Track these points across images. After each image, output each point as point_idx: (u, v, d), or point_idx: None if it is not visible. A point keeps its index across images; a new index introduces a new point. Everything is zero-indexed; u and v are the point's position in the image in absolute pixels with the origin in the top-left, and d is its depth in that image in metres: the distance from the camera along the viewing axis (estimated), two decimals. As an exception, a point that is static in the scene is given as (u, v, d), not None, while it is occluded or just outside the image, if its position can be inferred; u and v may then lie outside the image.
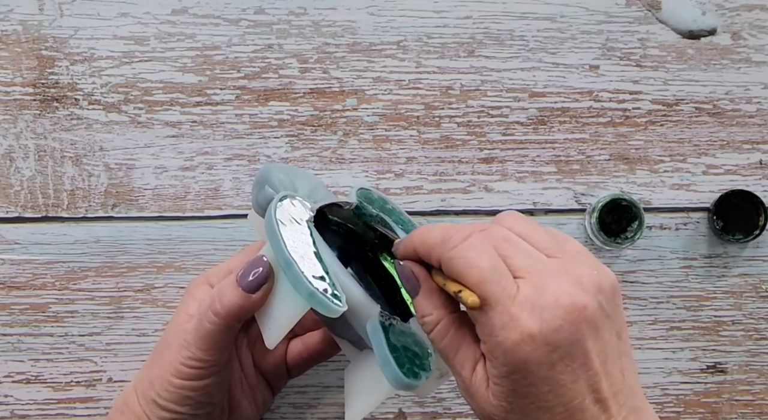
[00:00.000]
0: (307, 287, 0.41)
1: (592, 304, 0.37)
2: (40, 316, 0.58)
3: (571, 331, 0.36)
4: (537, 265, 0.38)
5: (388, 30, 0.59)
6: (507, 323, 0.36)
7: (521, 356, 0.36)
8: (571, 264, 0.38)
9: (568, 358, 0.36)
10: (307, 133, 0.59)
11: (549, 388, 0.37)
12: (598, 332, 0.37)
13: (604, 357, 0.37)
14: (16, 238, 0.58)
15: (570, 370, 0.37)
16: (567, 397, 0.37)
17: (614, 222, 0.57)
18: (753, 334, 0.59)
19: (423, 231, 0.41)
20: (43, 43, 0.59)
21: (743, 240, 0.58)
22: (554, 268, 0.38)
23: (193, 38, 0.59)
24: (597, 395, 0.37)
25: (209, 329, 0.46)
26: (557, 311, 0.36)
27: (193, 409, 0.47)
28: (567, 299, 0.37)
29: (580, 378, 0.37)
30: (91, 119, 0.59)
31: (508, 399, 0.37)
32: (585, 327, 0.37)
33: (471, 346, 0.39)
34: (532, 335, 0.36)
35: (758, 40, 0.60)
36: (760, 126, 0.60)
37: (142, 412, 0.48)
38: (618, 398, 0.38)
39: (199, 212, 0.59)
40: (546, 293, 0.37)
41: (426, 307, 0.41)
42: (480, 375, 0.39)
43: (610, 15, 0.60)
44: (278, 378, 0.53)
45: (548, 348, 0.36)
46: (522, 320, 0.36)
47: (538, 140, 0.59)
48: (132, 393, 0.49)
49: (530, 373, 0.36)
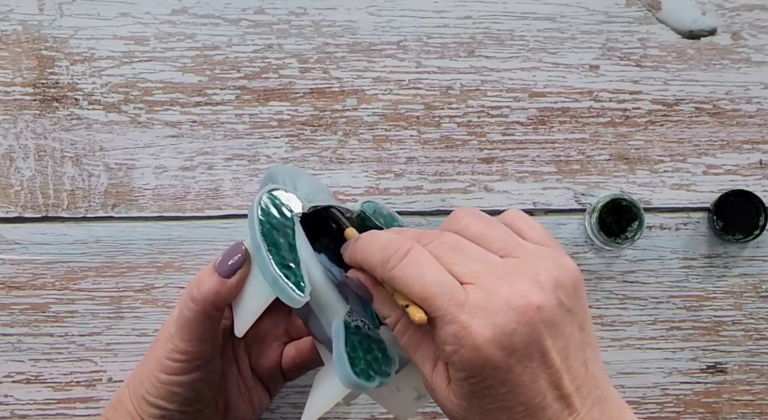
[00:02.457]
0: (271, 272, 0.41)
1: (550, 301, 0.37)
2: (40, 316, 0.58)
3: (526, 332, 0.36)
4: (488, 269, 0.37)
5: (388, 30, 0.59)
6: (458, 332, 0.36)
7: (477, 363, 0.36)
8: (527, 262, 0.38)
9: (525, 359, 0.36)
10: (307, 133, 0.59)
11: (508, 389, 0.36)
12: (557, 329, 0.37)
13: (565, 353, 0.37)
14: (16, 238, 0.58)
15: (529, 370, 0.36)
16: (527, 397, 0.37)
17: (614, 222, 0.57)
18: (753, 334, 0.59)
19: (365, 245, 0.41)
20: (43, 43, 0.59)
21: (743, 240, 0.58)
22: (507, 269, 0.37)
23: (193, 38, 0.59)
24: (559, 392, 0.37)
25: (188, 317, 0.46)
26: (510, 314, 0.36)
27: (181, 406, 0.47)
28: (519, 301, 0.36)
29: (540, 377, 0.37)
30: (91, 119, 0.59)
31: (468, 399, 0.37)
32: (541, 327, 0.36)
33: (431, 344, 0.39)
34: (486, 340, 0.36)
35: (758, 40, 0.60)
36: (760, 126, 0.60)
37: (133, 410, 0.48)
38: (581, 391, 0.38)
39: (199, 212, 0.59)
40: (497, 297, 0.36)
41: (383, 310, 0.41)
42: (440, 373, 0.39)
43: (610, 15, 0.60)
44: (274, 381, 0.53)
45: (504, 352, 0.36)
46: (473, 328, 0.36)
47: (538, 140, 0.59)
48: (125, 391, 0.49)
49: (487, 376, 0.36)
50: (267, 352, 0.52)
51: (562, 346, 0.37)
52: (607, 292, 0.59)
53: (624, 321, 0.59)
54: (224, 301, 0.45)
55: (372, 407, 0.59)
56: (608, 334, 0.59)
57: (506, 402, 0.37)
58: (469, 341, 0.36)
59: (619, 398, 0.39)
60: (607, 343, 0.59)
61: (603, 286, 0.59)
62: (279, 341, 0.53)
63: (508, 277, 0.37)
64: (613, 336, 0.59)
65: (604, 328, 0.59)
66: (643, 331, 0.59)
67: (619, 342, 0.59)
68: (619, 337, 0.59)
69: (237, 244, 0.46)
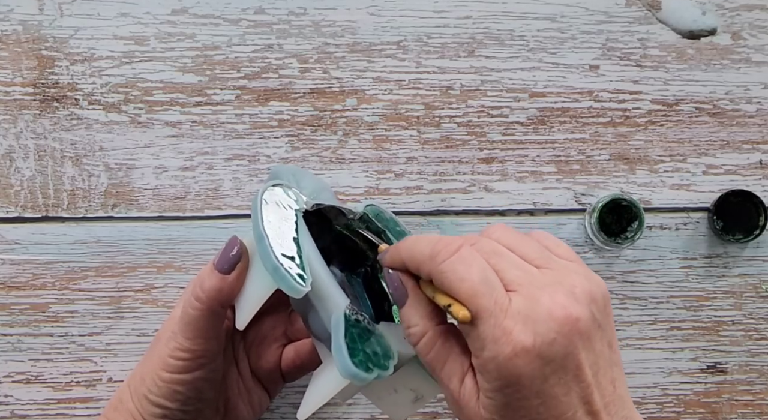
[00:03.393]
0: (273, 261, 0.41)
1: (585, 315, 0.37)
2: (40, 316, 0.58)
3: (564, 343, 0.36)
4: (528, 277, 0.37)
5: (388, 30, 0.59)
6: (500, 337, 0.36)
7: (514, 370, 0.36)
8: (563, 274, 0.38)
9: (561, 371, 0.36)
10: (307, 133, 0.59)
11: (541, 401, 0.36)
12: (590, 344, 0.37)
13: (596, 368, 0.37)
14: (16, 238, 0.58)
15: (562, 382, 0.36)
16: (559, 410, 0.36)
17: (614, 222, 0.57)
18: (753, 334, 0.59)
19: (411, 244, 0.41)
20: (43, 43, 0.59)
21: (743, 240, 0.58)
22: (546, 280, 0.37)
23: (193, 38, 0.59)
24: (589, 407, 0.37)
25: (192, 315, 0.46)
26: (551, 324, 0.36)
27: (182, 405, 0.47)
28: (560, 312, 0.36)
29: (573, 390, 0.37)
30: (91, 119, 0.59)
31: (500, 412, 0.37)
32: (578, 339, 0.36)
33: (458, 358, 0.39)
34: (526, 349, 0.35)
35: (758, 40, 0.60)
36: (760, 126, 0.60)
37: (134, 409, 0.48)
38: (609, 409, 0.38)
39: (199, 212, 0.59)
40: (539, 306, 0.36)
41: (412, 317, 0.40)
42: (469, 387, 0.38)
43: (610, 15, 0.60)
44: (273, 382, 0.53)
45: (541, 361, 0.36)
46: (515, 334, 0.36)
47: (538, 140, 0.59)
48: (126, 390, 0.49)
49: (523, 387, 0.36)
50: (266, 353, 0.52)
51: (593, 362, 0.37)
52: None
53: (624, 321, 0.59)
54: (228, 297, 0.45)
55: (373, 408, 0.59)
56: (608, 334, 0.59)
57: (539, 414, 0.36)
58: (509, 348, 0.36)
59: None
60: (607, 343, 0.59)
61: (603, 286, 0.59)
62: (278, 343, 0.53)
63: (548, 287, 0.37)
64: (613, 336, 0.59)
65: (604, 328, 0.59)
66: (643, 331, 0.59)
67: (619, 342, 0.59)
68: (619, 337, 0.59)
69: (232, 239, 0.46)
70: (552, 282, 0.37)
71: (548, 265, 0.38)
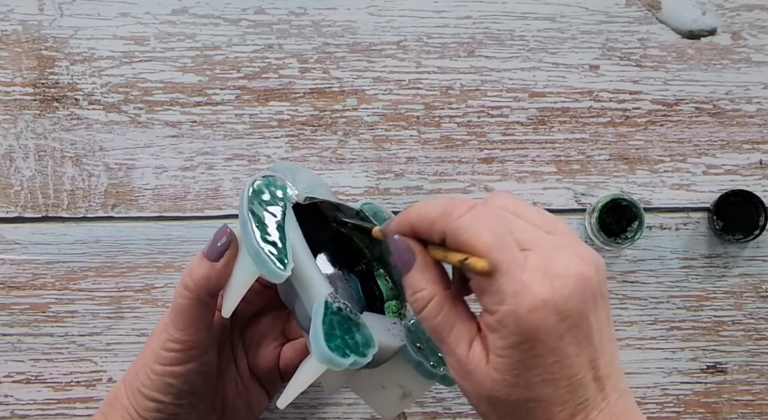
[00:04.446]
0: (254, 246, 0.41)
1: (595, 277, 0.37)
2: (40, 316, 0.58)
3: (579, 300, 0.36)
4: (539, 239, 0.38)
5: (388, 30, 0.59)
6: (519, 290, 0.36)
7: (533, 324, 0.36)
8: (570, 240, 0.38)
9: (575, 328, 0.36)
10: (307, 133, 0.59)
11: (555, 360, 0.36)
12: (597, 308, 0.37)
13: (600, 335, 0.38)
14: (16, 238, 0.58)
15: (576, 342, 0.37)
16: (572, 370, 0.37)
17: (614, 222, 0.57)
18: (753, 334, 0.59)
19: (419, 206, 0.40)
20: (43, 43, 0.59)
21: (743, 240, 0.58)
22: (556, 242, 0.38)
23: (193, 38, 0.59)
24: (596, 372, 0.37)
25: (182, 305, 0.46)
26: (567, 280, 0.36)
27: (176, 399, 0.47)
28: (575, 269, 0.36)
29: (584, 351, 0.37)
30: (91, 119, 0.59)
31: (513, 372, 0.37)
32: (590, 299, 0.37)
33: (466, 322, 0.39)
34: (545, 302, 0.36)
35: (758, 40, 0.60)
36: (760, 126, 0.60)
37: (129, 404, 0.48)
38: (611, 379, 0.38)
39: (199, 212, 0.59)
40: (554, 263, 0.36)
41: (419, 282, 0.40)
42: (478, 351, 0.38)
43: (610, 15, 0.60)
44: (272, 382, 0.53)
45: (559, 316, 0.36)
46: (534, 287, 0.36)
47: (538, 140, 0.59)
48: (121, 385, 0.49)
49: (539, 342, 0.36)
50: (264, 352, 0.52)
51: (598, 328, 0.37)
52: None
53: (624, 321, 0.59)
54: (216, 286, 0.46)
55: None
56: (608, 334, 0.59)
57: (553, 374, 0.36)
58: (529, 300, 0.36)
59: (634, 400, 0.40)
60: (607, 343, 0.59)
61: (603, 286, 0.59)
62: (276, 342, 0.53)
63: (559, 249, 0.37)
64: (613, 336, 0.59)
65: (604, 328, 0.59)
66: (643, 331, 0.59)
67: (619, 342, 0.59)
68: (619, 337, 0.59)
69: (222, 228, 0.46)
70: (562, 245, 0.38)
71: (554, 232, 0.39)
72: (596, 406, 0.37)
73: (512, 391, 0.37)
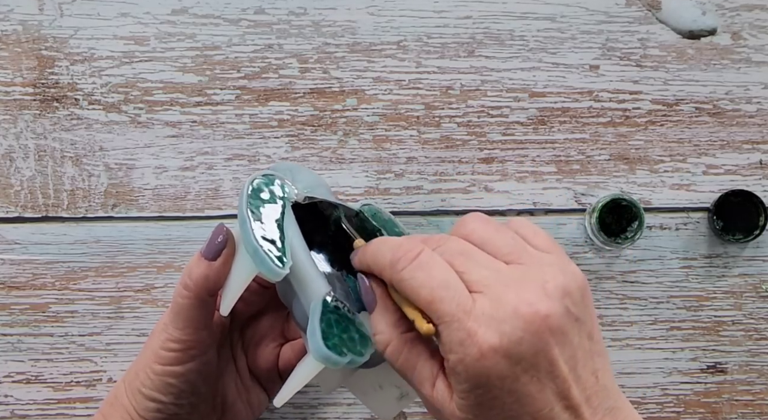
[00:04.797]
0: (253, 243, 0.41)
1: (557, 310, 0.36)
2: (40, 316, 0.58)
3: (533, 341, 0.36)
4: (495, 276, 0.37)
5: (388, 30, 0.59)
6: (464, 339, 0.36)
7: (483, 371, 0.36)
8: (534, 269, 0.37)
9: (532, 369, 0.36)
10: (307, 133, 0.59)
11: (514, 399, 0.36)
12: (565, 338, 0.36)
13: (573, 362, 0.37)
14: (16, 238, 0.58)
15: (536, 380, 0.36)
16: (534, 407, 0.36)
17: (614, 222, 0.57)
18: (753, 334, 0.59)
19: (375, 248, 0.41)
20: (43, 43, 0.59)
21: (743, 240, 0.58)
22: (514, 277, 0.37)
23: (193, 38, 0.59)
24: (567, 402, 0.37)
25: (182, 305, 0.46)
26: (517, 322, 0.35)
27: (176, 399, 0.47)
28: (526, 309, 0.36)
29: (547, 387, 0.36)
30: (91, 119, 0.59)
31: (474, 411, 0.37)
32: (548, 336, 0.36)
33: (427, 363, 0.39)
34: (493, 349, 0.35)
35: (758, 40, 0.60)
36: (760, 126, 0.60)
37: (129, 404, 0.48)
38: (591, 402, 0.37)
39: (199, 212, 0.59)
40: (504, 305, 0.36)
41: (378, 324, 0.40)
42: (441, 390, 0.38)
43: (610, 15, 0.60)
44: (271, 382, 0.53)
45: (510, 361, 0.35)
46: (480, 335, 0.35)
47: (538, 140, 0.59)
48: (121, 385, 0.49)
49: (493, 386, 0.36)
50: (264, 352, 0.52)
51: (569, 356, 0.37)
52: (607, 292, 0.59)
53: (624, 321, 0.59)
54: (215, 285, 0.46)
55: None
56: (608, 334, 0.59)
57: (513, 412, 0.36)
58: (475, 349, 0.35)
59: (631, 409, 0.39)
60: (607, 343, 0.59)
61: (603, 286, 0.59)
62: (276, 342, 0.53)
63: (515, 284, 0.37)
64: (613, 336, 0.59)
65: (604, 328, 0.59)
66: (643, 331, 0.59)
67: (619, 342, 0.59)
68: (619, 337, 0.59)
69: (219, 227, 0.46)
70: (521, 278, 0.37)
71: (520, 260, 0.38)
72: None
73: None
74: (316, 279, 0.43)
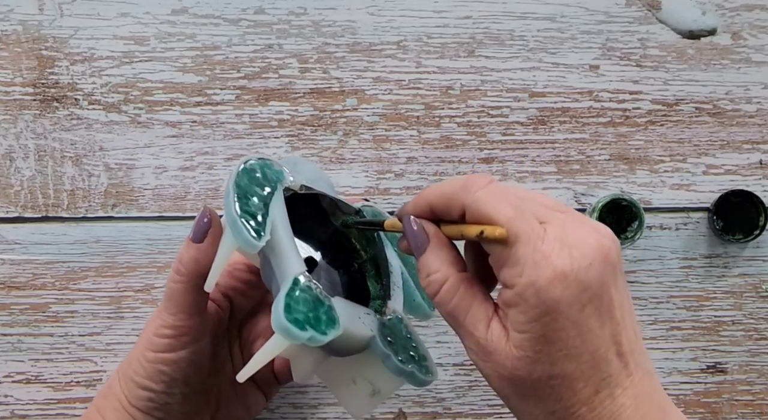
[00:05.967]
0: (232, 215, 0.41)
1: (615, 248, 0.37)
2: (40, 316, 0.58)
3: (600, 270, 0.36)
4: (555, 215, 0.38)
5: (388, 30, 0.59)
6: (539, 261, 0.36)
7: (554, 295, 0.35)
8: (583, 218, 0.38)
9: (596, 299, 0.36)
10: (307, 133, 0.59)
11: (577, 333, 0.36)
12: (617, 281, 0.37)
13: (622, 310, 0.37)
14: (16, 238, 0.58)
15: (597, 314, 0.36)
16: (594, 344, 0.36)
17: (614, 222, 0.57)
18: (753, 334, 0.59)
19: (437, 185, 0.40)
20: (43, 43, 0.59)
21: (743, 240, 0.58)
22: (571, 218, 0.38)
23: (193, 38, 0.59)
24: (619, 348, 0.37)
25: (174, 289, 0.46)
26: (586, 250, 0.36)
27: (167, 387, 0.47)
28: (593, 240, 0.36)
29: (606, 325, 0.36)
30: (91, 119, 0.59)
31: (535, 347, 0.36)
32: (610, 270, 0.36)
33: (483, 303, 0.38)
34: (565, 272, 0.35)
35: (758, 40, 0.60)
36: (760, 126, 0.60)
37: (121, 393, 0.48)
38: (635, 356, 0.37)
39: (199, 212, 0.59)
40: (572, 234, 0.36)
41: (433, 263, 0.39)
42: (497, 330, 0.38)
43: (610, 15, 0.60)
44: (267, 384, 0.53)
45: (579, 287, 0.36)
46: (553, 258, 0.35)
47: (538, 140, 0.59)
48: (115, 376, 0.49)
49: (560, 314, 0.36)
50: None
51: (620, 302, 0.37)
52: (607, 292, 0.59)
53: (624, 321, 0.59)
54: (205, 268, 0.45)
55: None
56: (608, 334, 0.59)
57: (575, 348, 0.36)
58: (549, 270, 0.35)
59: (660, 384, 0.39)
60: (607, 343, 0.59)
61: (603, 286, 0.59)
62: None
63: (575, 223, 0.37)
64: (613, 336, 0.59)
65: (604, 328, 0.59)
66: (643, 331, 0.59)
67: (619, 342, 0.59)
68: (619, 337, 0.59)
69: (204, 209, 0.46)
70: (577, 220, 0.38)
71: (566, 211, 0.39)
72: (620, 383, 0.37)
73: (534, 368, 0.36)
74: (292, 258, 0.42)
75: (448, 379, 0.59)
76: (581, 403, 0.37)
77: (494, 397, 0.58)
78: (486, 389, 0.58)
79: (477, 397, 0.59)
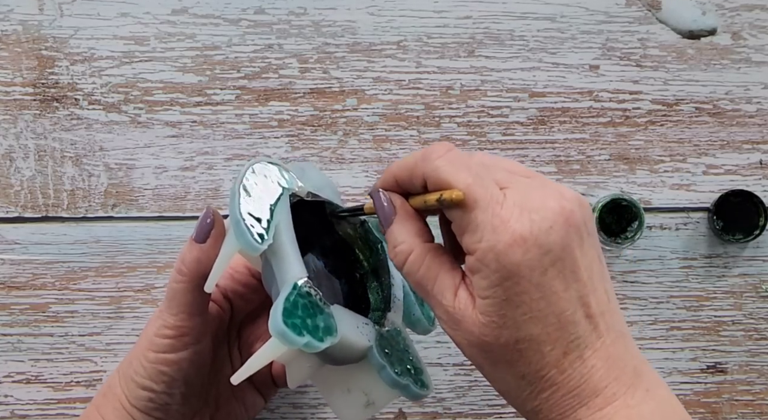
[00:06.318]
0: (236, 215, 0.41)
1: (578, 211, 0.37)
2: (40, 316, 0.58)
3: (561, 234, 0.36)
4: (518, 180, 0.38)
5: (388, 30, 0.59)
6: (497, 226, 0.36)
7: (514, 259, 0.36)
8: (549, 182, 0.38)
9: (559, 262, 0.36)
10: (307, 133, 0.59)
11: (541, 295, 0.36)
12: (582, 244, 0.37)
13: (590, 272, 0.37)
14: (16, 238, 0.58)
15: (561, 277, 0.36)
16: (559, 307, 0.36)
17: (614, 222, 0.57)
18: (753, 334, 0.59)
19: (398, 161, 0.41)
20: (43, 43, 0.59)
21: (743, 240, 0.58)
22: (535, 183, 0.38)
23: (193, 38, 0.59)
24: (587, 309, 0.37)
25: (176, 290, 0.46)
26: (546, 213, 0.36)
27: (168, 387, 0.47)
28: (554, 203, 0.36)
29: (571, 287, 0.36)
30: (91, 119, 0.59)
31: (500, 312, 0.36)
32: (573, 233, 0.36)
33: (450, 272, 0.39)
34: (524, 236, 0.36)
35: (758, 40, 0.60)
36: (760, 126, 0.60)
37: (121, 393, 0.48)
38: (605, 317, 0.37)
39: (199, 212, 0.59)
40: (532, 198, 0.36)
41: (399, 234, 0.40)
42: (464, 298, 0.38)
43: (610, 15, 0.60)
44: (266, 386, 0.53)
45: (540, 250, 0.36)
46: (512, 222, 0.36)
47: (538, 140, 0.59)
48: (115, 376, 0.49)
49: (522, 278, 0.36)
50: None
51: (587, 264, 0.37)
52: (607, 292, 0.59)
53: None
54: (207, 268, 0.45)
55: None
56: (608, 334, 0.59)
57: (540, 311, 0.36)
58: (508, 235, 0.36)
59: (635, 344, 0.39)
60: (607, 343, 0.59)
61: (603, 286, 0.59)
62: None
63: (538, 188, 0.37)
64: (613, 336, 0.59)
65: (604, 328, 0.59)
66: (643, 331, 0.59)
67: (619, 342, 0.59)
68: (619, 337, 0.59)
69: (207, 209, 0.46)
70: (542, 184, 0.38)
71: (533, 176, 0.39)
72: (590, 345, 0.37)
73: (500, 332, 0.37)
74: (294, 263, 0.42)
75: (448, 379, 0.59)
76: (551, 366, 0.37)
77: (494, 397, 0.58)
78: (486, 389, 0.58)
79: (477, 397, 0.59)
